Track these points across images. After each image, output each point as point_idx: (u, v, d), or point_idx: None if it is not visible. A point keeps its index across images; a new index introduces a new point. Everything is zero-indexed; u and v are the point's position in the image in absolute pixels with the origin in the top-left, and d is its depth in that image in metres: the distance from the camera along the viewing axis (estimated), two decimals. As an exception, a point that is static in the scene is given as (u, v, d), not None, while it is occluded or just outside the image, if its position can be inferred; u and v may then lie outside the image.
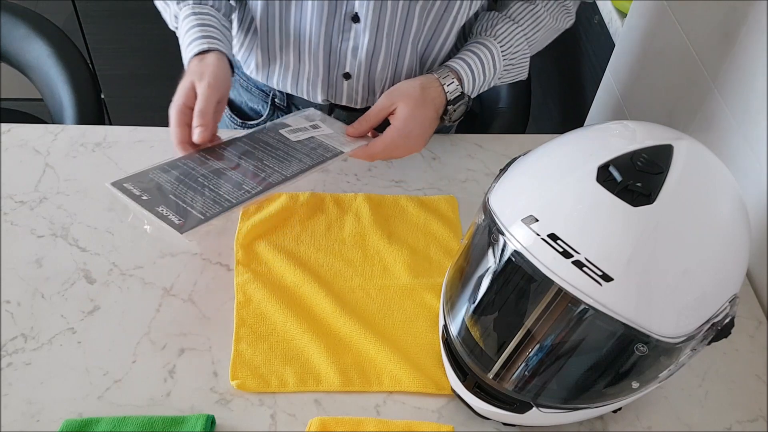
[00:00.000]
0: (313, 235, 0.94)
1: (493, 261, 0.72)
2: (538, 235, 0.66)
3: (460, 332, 0.76)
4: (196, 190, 0.82)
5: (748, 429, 0.79)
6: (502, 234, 0.69)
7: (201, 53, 0.89)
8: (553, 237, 0.65)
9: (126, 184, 0.81)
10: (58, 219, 0.93)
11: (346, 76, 1.02)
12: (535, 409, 0.72)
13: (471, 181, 1.04)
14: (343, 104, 1.06)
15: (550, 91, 1.76)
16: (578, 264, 0.63)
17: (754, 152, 0.91)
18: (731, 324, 0.69)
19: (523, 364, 0.71)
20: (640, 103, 1.22)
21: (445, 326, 0.78)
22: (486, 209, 0.74)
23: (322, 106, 1.06)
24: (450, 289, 0.79)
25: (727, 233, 0.68)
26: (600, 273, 0.63)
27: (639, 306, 0.64)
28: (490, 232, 0.71)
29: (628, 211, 0.64)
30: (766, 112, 0.88)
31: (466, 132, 1.14)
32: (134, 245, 0.91)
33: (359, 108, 1.06)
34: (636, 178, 0.65)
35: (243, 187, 0.83)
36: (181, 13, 0.94)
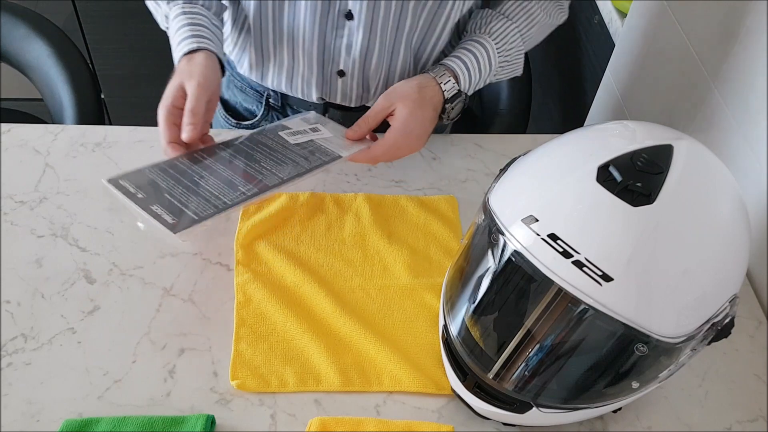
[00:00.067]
0: (313, 235, 0.94)
1: (493, 261, 0.72)
2: (538, 235, 0.66)
3: (460, 332, 0.76)
4: (191, 189, 0.82)
5: (748, 429, 0.79)
6: (502, 234, 0.69)
7: (190, 53, 0.89)
8: (553, 237, 0.65)
9: (122, 181, 0.81)
10: (58, 219, 0.93)
11: (341, 74, 1.02)
12: (535, 409, 0.72)
13: (471, 181, 1.04)
14: (338, 103, 1.06)
15: (550, 91, 1.76)
16: (578, 264, 0.63)
17: (754, 152, 0.91)
18: (731, 324, 0.69)
19: (523, 364, 0.71)
20: (640, 103, 1.22)
21: (445, 326, 0.78)
22: (486, 209, 0.74)
23: (317, 105, 1.06)
24: (450, 289, 0.79)
25: (727, 233, 0.68)
26: (600, 273, 0.63)
27: (639, 306, 0.64)
28: (490, 232, 0.71)
29: (628, 211, 0.64)
30: (766, 112, 0.88)
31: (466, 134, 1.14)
32: (134, 245, 0.91)
33: (354, 107, 1.06)
34: (636, 178, 0.65)
35: (239, 189, 0.83)
36: (172, 13, 0.93)
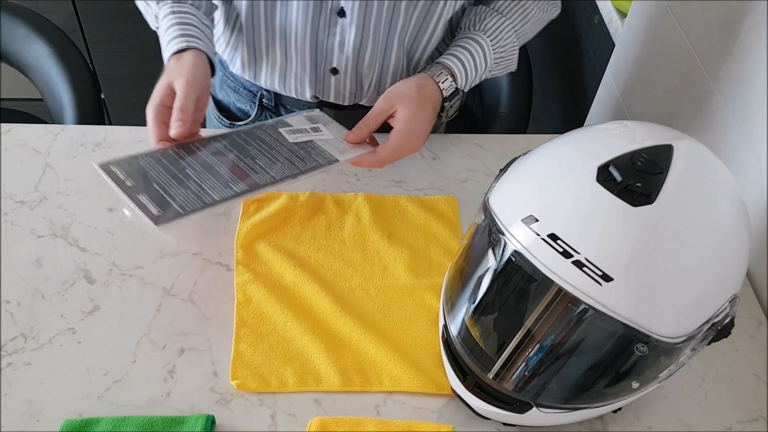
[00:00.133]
0: (313, 235, 0.94)
1: (493, 261, 0.72)
2: (538, 235, 0.66)
3: (460, 332, 0.76)
4: (181, 181, 0.81)
5: (748, 429, 0.79)
6: (502, 234, 0.69)
7: (179, 52, 0.89)
8: (553, 237, 0.65)
9: (113, 167, 0.80)
10: (58, 219, 0.93)
11: (334, 71, 1.02)
12: (535, 409, 0.72)
13: (471, 181, 1.04)
14: (331, 101, 1.06)
15: (550, 91, 1.76)
16: (578, 264, 0.63)
17: (754, 152, 0.91)
18: (731, 324, 0.69)
19: (523, 364, 0.71)
20: (640, 103, 1.22)
21: (445, 326, 0.78)
22: (486, 209, 0.74)
23: (311, 104, 1.06)
24: (450, 289, 0.79)
25: (727, 233, 0.68)
26: (600, 273, 0.63)
27: (639, 306, 0.64)
28: (490, 232, 0.71)
29: (628, 211, 0.64)
30: (766, 112, 0.88)
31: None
32: (134, 245, 0.91)
33: (347, 105, 1.06)
34: (636, 178, 0.65)
35: (229, 185, 0.82)
36: (161, 13, 0.93)
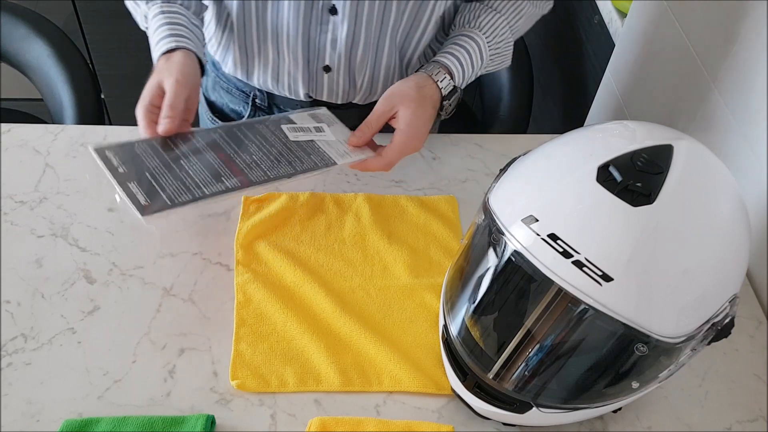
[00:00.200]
0: (313, 235, 0.94)
1: (493, 261, 0.72)
2: (538, 235, 0.66)
3: (460, 332, 0.76)
4: (174, 172, 0.80)
5: (748, 429, 0.79)
6: (502, 234, 0.69)
7: (168, 52, 0.88)
8: (553, 237, 0.65)
9: (108, 152, 0.80)
10: (58, 219, 0.93)
11: (327, 69, 1.02)
12: (535, 409, 0.72)
13: (471, 181, 1.04)
14: (325, 99, 1.06)
15: (550, 91, 1.76)
16: (578, 264, 0.63)
17: (754, 152, 0.91)
18: (731, 324, 0.69)
19: (523, 364, 0.71)
20: (640, 103, 1.22)
21: (445, 326, 0.78)
22: (486, 209, 0.74)
23: (304, 102, 1.06)
24: (450, 289, 0.79)
25: (727, 233, 0.68)
26: (600, 273, 0.63)
27: (639, 306, 0.64)
28: (490, 232, 0.71)
29: (628, 211, 0.64)
30: (766, 112, 0.88)
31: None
32: (134, 245, 0.91)
33: (341, 103, 1.06)
34: (636, 178, 0.65)
35: (222, 180, 0.81)
36: (150, 13, 0.93)
